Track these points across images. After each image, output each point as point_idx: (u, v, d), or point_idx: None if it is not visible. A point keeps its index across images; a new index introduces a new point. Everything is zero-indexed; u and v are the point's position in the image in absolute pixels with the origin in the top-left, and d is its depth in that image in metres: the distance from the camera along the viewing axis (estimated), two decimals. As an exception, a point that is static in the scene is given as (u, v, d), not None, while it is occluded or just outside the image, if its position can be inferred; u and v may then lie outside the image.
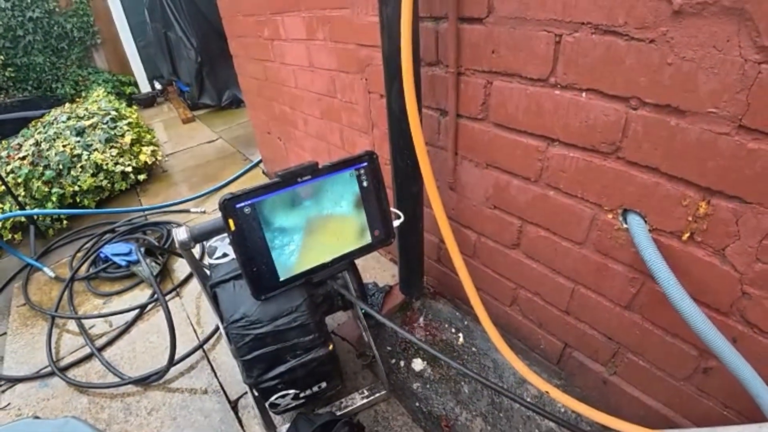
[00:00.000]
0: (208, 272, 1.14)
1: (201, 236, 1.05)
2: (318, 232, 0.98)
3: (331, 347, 1.02)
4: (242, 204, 0.90)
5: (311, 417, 1.15)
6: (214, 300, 1.06)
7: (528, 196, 1.10)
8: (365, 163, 0.99)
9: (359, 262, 1.22)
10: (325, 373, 1.07)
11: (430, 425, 1.29)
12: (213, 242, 1.14)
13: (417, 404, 1.34)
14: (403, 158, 1.16)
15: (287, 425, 1.24)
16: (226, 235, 1.05)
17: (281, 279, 0.95)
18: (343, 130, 1.75)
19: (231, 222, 0.90)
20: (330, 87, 1.70)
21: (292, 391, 1.06)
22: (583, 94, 0.88)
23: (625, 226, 0.93)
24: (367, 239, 1.03)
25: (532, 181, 1.07)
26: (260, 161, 3.10)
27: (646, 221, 0.90)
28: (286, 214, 0.94)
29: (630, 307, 1.03)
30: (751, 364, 0.78)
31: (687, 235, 0.84)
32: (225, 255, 1.09)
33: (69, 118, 3.27)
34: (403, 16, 0.93)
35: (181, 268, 2.18)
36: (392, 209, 1.07)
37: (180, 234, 1.02)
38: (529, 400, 1.34)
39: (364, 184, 0.99)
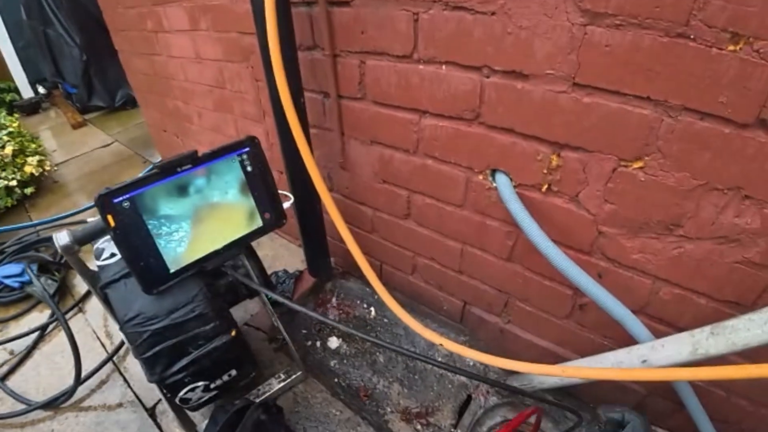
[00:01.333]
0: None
1: (85, 238, 1.00)
2: (206, 219, 0.98)
3: (234, 333, 1.02)
4: (120, 198, 0.88)
5: (228, 407, 1.16)
6: (106, 302, 1.03)
7: (410, 167, 1.17)
8: (247, 148, 1.00)
9: (269, 251, 1.23)
10: (233, 360, 1.07)
11: (350, 397, 1.35)
12: (99, 244, 1.09)
13: (336, 380, 1.39)
14: (289, 143, 1.18)
15: (206, 422, 1.23)
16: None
17: (171, 271, 0.94)
18: (237, 121, 1.73)
19: (110, 218, 0.87)
20: (219, 78, 1.66)
21: (201, 383, 1.06)
22: (443, 67, 0.95)
23: (494, 184, 1.02)
24: (258, 223, 1.04)
25: (412, 152, 1.14)
26: (160, 161, 2.95)
27: (510, 178, 0.99)
28: (169, 204, 0.93)
29: (511, 258, 1.14)
30: (616, 295, 0.89)
31: (545, 186, 0.94)
32: (113, 255, 1.05)
33: (-61, 134, 2.89)
34: (267, 2, 0.94)
35: (82, 282, 2.03)
36: (281, 191, 1.09)
37: (61, 239, 0.97)
38: (440, 359, 1.44)
39: (248, 168, 1.01)
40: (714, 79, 0.65)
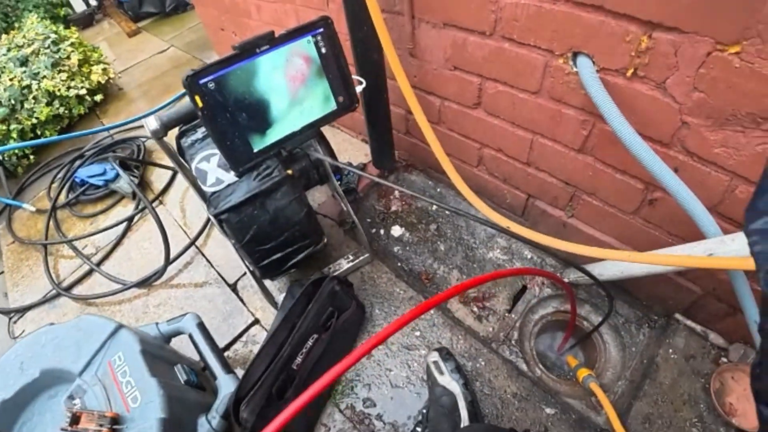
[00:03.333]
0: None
1: (171, 122, 1.08)
2: (284, 101, 1.01)
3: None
4: (206, 79, 0.91)
5: (303, 282, 1.28)
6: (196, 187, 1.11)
7: (485, 52, 1.13)
8: (321, 29, 0.99)
9: (334, 145, 1.27)
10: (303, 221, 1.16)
11: (412, 279, 1.45)
12: (198, 164, 1.13)
13: (399, 264, 1.49)
14: (360, 27, 1.15)
15: (284, 294, 1.38)
16: (207, 155, 1.07)
17: (255, 150, 1.00)
18: (298, 11, 1.69)
19: (198, 99, 0.92)
20: (279, -36, 1.61)
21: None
22: (530, -65, 0.88)
23: (575, 69, 0.98)
24: (332, 106, 1.06)
25: (488, 34, 1.09)
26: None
27: (593, 62, 0.94)
28: (250, 85, 0.96)
29: (583, 149, 1.11)
30: (692, 190, 0.86)
31: (631, 71, 0.89)
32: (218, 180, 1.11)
33: (9, 50, 3.03)
34: None
35: (158, 179, 2.20)
36: (354, 76, 1.09)
37: (151, 123, 1.05)
38: (498, 251, 1.50)
39: (323, 50, 1.01)
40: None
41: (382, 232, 1.57)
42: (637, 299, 1.32)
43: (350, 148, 1.94)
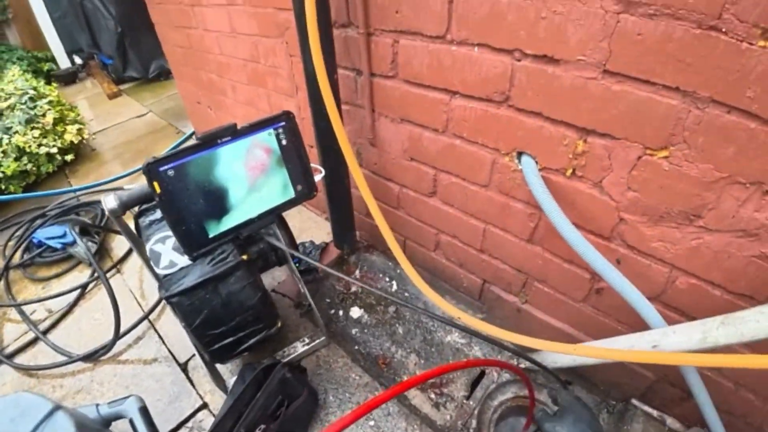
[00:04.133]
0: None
1: (131, 202, 1.08)
2: (242, 189, 1.04)
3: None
4: (166, 167, 0.94)
5: (255, 366, 1.24)
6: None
7: (438, 146, 1.20)
8: (283, 123, 1.05)
9: (297, 223, 1.29)
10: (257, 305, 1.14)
11: (369, 364, 1.42)
12: (153, 245, 1.13)
13: (356, 347, 1.47)
14: (322, 118, 1.22)
15: (235, 378, 1.32)
16: (163, 237, 1.08)
17: (210, 236, 1.01)
18: (270, 95, 1.77)
19: (156, 185, 0.94)
20: (254, 52, 1.70)
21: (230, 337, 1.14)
22: (476, 49, 0.97)
23: (519, 167, 1.05)
24: (291, 194, 1.10)
25: (441, 131, 1.17)
26: (193, 133, 3.03)
27: (536, 161, 1.01)
28: (209, 174, 0.99)
29: (531, 240, 1.16)
30: (633, 281, 0.91)
31: (570, 171, 0.96)
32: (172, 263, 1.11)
33: (-17, 101, 3.03)
34: (305, -22, 0.97)
35: (119, 245, 2.15)
36: (313, 165, 1.14)
37: (109, 202, 1.05)
38: (457, 337, 1.50)
39: (284, 142, 1.05)
40: (743, 73, 0.66)
41: (341, 313, 1.56)
42: (594, 384, 1.32)
43: (314, 226, 1.96)
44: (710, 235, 0.82)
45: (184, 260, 1.07)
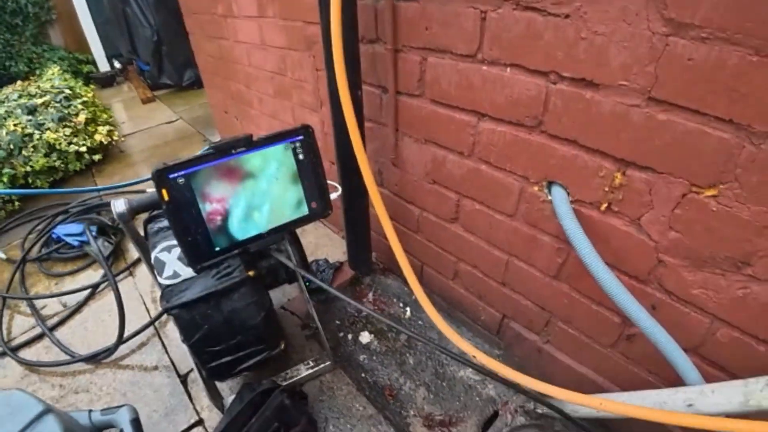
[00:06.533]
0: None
1: (139, 208, 1.06)
2: (254, 203, 0.99)
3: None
4: (175, 174, 0.91)
5: (255, 386, 1.18)
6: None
7: (463, 170, 1.14)
8: (301, 137, 1.01)
9: (312, 239, 1.25)
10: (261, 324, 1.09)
11: (375, 394, 1.34)
12: (158, 253, 1.10)
13: (363, 375, 1.39)
14: (343, 134, 1.18)
15: (233, 396, 1.27)
16: (168, 245, 1.05)
17: (217, 249, 0.97)
18: (294, 108, 1.76)
19: (164, 192, 0.91)
20: (281, 65, 1.70)
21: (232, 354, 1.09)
22: (508, 70, 0.92)
23: (549, 197, 0.98)
24: (304, 211, 1.05)
25: (466, 155, 1.11)
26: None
27: (567, 192, 0.94)
28: (220, 184, 0.95)
29: (558, 276, 1.08)
30: (669, 330, 0.83)
31: (605, 205, 0.89)
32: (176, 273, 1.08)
33: (20, 96, 3.15)
34: (334, -7, 0.94)
35: (134, 248, 2.15)
36: (330, 182, 1.09)
37: (118, 206, 1.03)
38: (470, 371, 1.41)
39: (300, 157, 1.01)
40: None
41: (349, 336, 1.49)
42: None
43: (329, 243, 1.92)
44: (759, 285, 0.73)
45: (188, 271, 1.03)
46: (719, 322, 0.82)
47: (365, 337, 1.48)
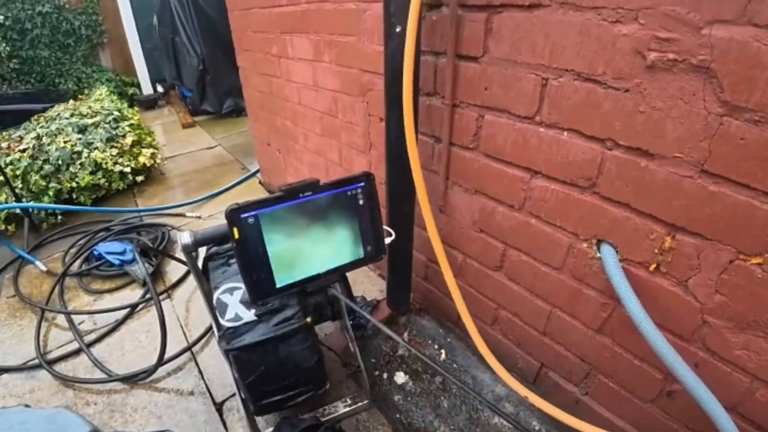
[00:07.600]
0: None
1: (204, 241, 1.11)
2: (314, 244, 1.04)
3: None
4: (246, 214, 0.96)
5: (294, 421, 1.20)
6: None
7: (512, 222, 1.18)
8: (362, 183, 1.06)
9: (350, 276, 1.28)
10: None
11: (409, 436, 1.34)
12: (221, 294, 1.14)
13: (397, 415, 1.40)
14: (398, 180, 1.23)
15: (271, 428, 1.28)
16: (231, 287, 1.10)
17: (278, 286, 1.01)
18: (342, 148, 1.83)
19: (235, 230, 0.96)
20: (332, 106, 1.78)
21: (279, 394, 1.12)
22: (565, 133, 0.97)
23: (598, 255, 1.01)
24: (360, 254, 1.09)
25: (516, 208, 1.15)
26: (257, 171, 3.16)
27: (617, 251, 0.97)
28: (285, 226, 1.00)
29: (601, 330, 1.10)
30: (711, 388, 0.83)
31: (654, 265, 0.91)
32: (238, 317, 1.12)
33: (72, 115, 3.32)
34: (406, 50, 1.01)
35: (173, 270, 2.21)
36: (385, 227, 1.14)
37: (184, 238, 1.08)
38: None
39: (360, 202, 1.07)
40: None
41: (385, 376, 1.51)
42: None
43: (366, 281, 1.95)
44: (798, 349, 0.74)
45: (249, 315, 1.08)
46: (759, 382, 0.84)
47: (400, 378, 1.49)
